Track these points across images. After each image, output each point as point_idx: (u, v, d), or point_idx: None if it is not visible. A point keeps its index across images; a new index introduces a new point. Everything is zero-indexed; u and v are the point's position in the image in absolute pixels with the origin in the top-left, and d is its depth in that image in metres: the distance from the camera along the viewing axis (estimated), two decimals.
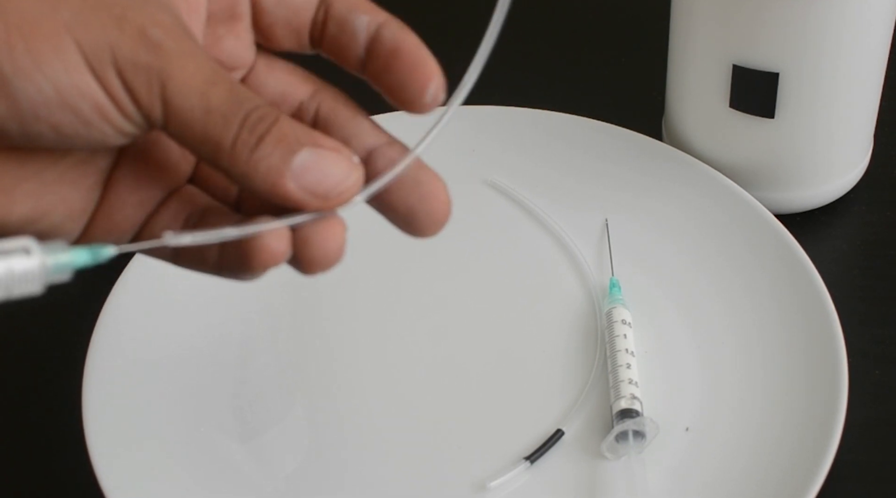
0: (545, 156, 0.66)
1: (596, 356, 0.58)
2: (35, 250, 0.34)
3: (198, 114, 0.36)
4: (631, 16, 0.77)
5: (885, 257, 0.63)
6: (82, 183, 0.39)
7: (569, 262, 0.62)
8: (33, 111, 0.35)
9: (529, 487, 0.54)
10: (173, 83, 0.35)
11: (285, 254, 0.37)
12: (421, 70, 0.40)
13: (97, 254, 0.35)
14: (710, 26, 0.60)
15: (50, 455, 0.57)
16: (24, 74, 0.34)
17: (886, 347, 0.59)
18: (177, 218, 0.39)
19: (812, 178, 0.64)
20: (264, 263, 0.37)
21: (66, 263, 0.34)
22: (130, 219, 0.39)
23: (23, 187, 0.37)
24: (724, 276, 0.61)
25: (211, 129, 0.36)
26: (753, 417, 0.55)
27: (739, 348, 0.58)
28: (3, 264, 0.33)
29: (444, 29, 0.77)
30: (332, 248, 0.37)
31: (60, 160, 0.38)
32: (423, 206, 0.40)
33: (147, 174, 0.39)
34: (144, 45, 0.35)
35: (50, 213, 0.38)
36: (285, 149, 0.36)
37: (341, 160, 0.37)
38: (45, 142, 0.36)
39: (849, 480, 0.54)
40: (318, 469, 0.55)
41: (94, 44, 0.35)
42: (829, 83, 0.60)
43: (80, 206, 0.39)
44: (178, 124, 0.36)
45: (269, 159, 0.36)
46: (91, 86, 0.35)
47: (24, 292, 0.34)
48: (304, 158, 0.36)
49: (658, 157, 0.65)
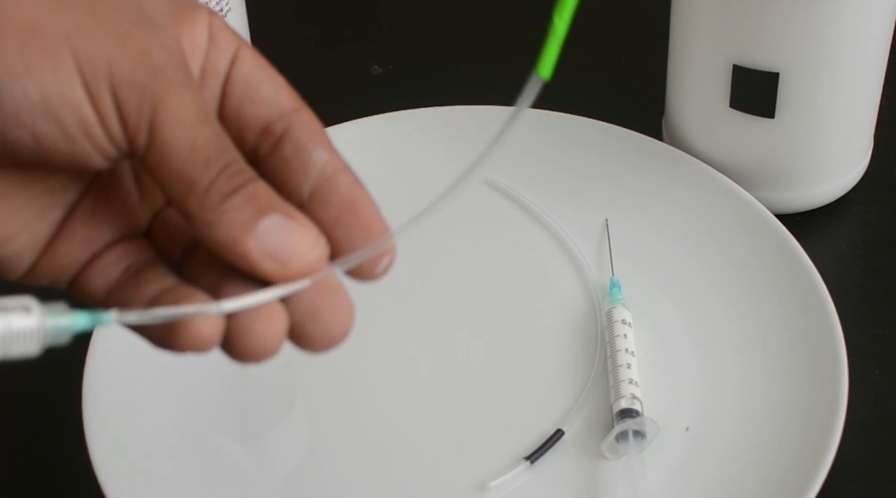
0: (545, 156, 0.66)
1: (596, 356, 0.58)
2: (35, 310, 0.33)
3: (181, 148, 0.35)
4: (631, 16, 0.77)
5: (885, 257, 0.63)
6: (48, 214, 0.38)
7: (569, 262, 0.62)
8: (16, 115, 0.34)
9: (529, 486, 0.54)
10: (165, 110, 0.35)
11: (214, 341, 0.35)
12: (374, 238, 0.37)
13: (97, 319, 0.34)
14: (710, 26, 0.60)
15: (50, 455, 0.57)
16: (11, 75, 0.34)
17: (887, 346, 0.59)
18: (117, 265, 0.38)
19: (812, 177, 0.64)
20: (187, 346, 0.35)
21: (66, 326, 0.34)
22: (74, 255, 0.38)
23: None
24: (725, 276, 0.61)
25: (189, 169, 0.35)
26: (753, 417, 0.55)
27: (739, 348, 0.58)
28: (2, 321, 0.33)
29: (445, 29, 0.77)
30: (269, 338, 0.35)
31: (32, 185, 0.37)
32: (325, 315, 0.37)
33: (103, 213, 0.39)
34: (144, 66, 0.35)
35: (12, 240, 0.37)
36: (256, 208, 0.35)
37: (308, 233, 0.35)
38: (23, 152, 0.35)
39: (849, 480, 0.54)
40: (318, 469, 0.55)
41: (92, 56, 0.34)
42: (829, 83, 0.60)
43: (40, 238, 0.38)
44: (159, 155, 0.35)
45: (237, 213, 0.35)
46: (79, 98, 0.34)
47: (22, 352, 0.33)
48: (272, 222, 0.35)
49: (658, 156, 0.65)
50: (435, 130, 0.67)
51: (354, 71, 0.75)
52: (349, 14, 0.79)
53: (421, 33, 0.77)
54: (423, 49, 0.76)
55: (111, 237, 0.39)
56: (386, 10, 0.79)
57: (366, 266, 0.37)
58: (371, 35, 0.78)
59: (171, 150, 0.35)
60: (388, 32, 0.78)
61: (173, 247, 0.39)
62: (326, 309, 0.36)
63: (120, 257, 0.38)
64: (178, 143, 0.35)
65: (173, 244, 0.39)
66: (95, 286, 0.38)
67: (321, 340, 0.37)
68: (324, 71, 0.75)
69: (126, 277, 0.38)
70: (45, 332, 0.33)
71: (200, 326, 0.35)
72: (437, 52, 0.75)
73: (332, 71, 0.75)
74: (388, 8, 0.80)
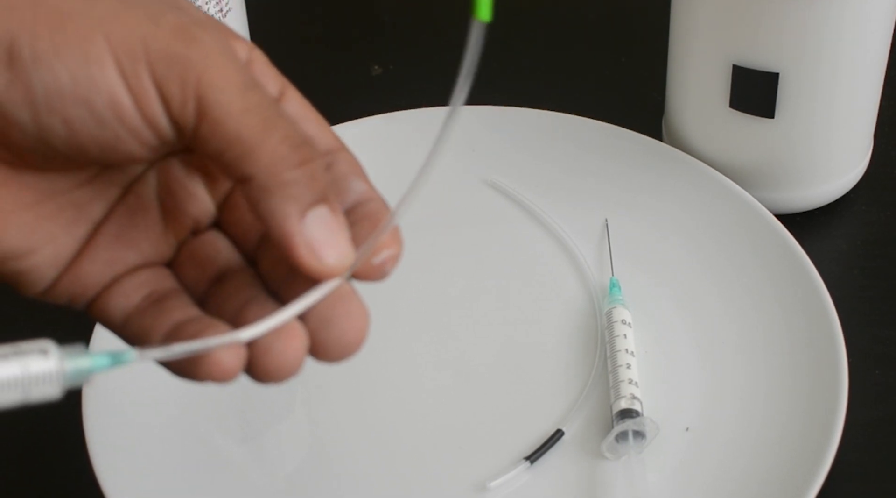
0: (545, 156, 0.66)
1: (596, 356, 0.58)
2: (53, 352, 0.33)
3: (234, 110, 0.34)
4: (631, 16, 0.77)
5: (885, 257, 0.63)
6: (73, 228, 0.37)
7: (569, 262, 0.62)
8: (47, 101, 0.34)
9: (529, 487, 0.54)
10: (210, 76, 0.34)
11: (236, 371, 0.35)
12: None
13: (118, 359, 0.34)
14: (710, 26, 0.60)
15: (50, 455, 0.57)
16: (42, 61, 0.34)
17: (887, 347, 0.59)
18: (139, 290, 0.38)
19: (812, 178, 0.64)
20: (209, 377, 0.35)
21: (86, 368, 0.33)
22: (96, 275, 0.38)
23: (19, 216, 0.36)
24: (725, 276, 0.61)
25: (246, 130, 0.34)
26: (753, 417, 0.55)
27: (739, 348, 0.58)
28: (21, 365, 0.32)
29: (445, 29, 0.77)
30: (290, 357, 0.35)
31: (59, 196, 0.37)
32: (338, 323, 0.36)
33: (129, 236, 0.38)
34: (181, 38, 0.34)
35: (36, 252, 0.37)
36: (316, 191, 0.35)
37: (347, 236, 0.35)
38: (56, 143, 0.35)
39: (849, 480, 0.54)
40: (318, 469, 0.55)
41: (125, 37, 0.34)
42: (829, 83, 0.60)
43: (64, 252, 0.37)
44: (211, 120, 0.34)
45: (298, 189, 0.34)
46: (110, 79, 0.34)
47: (42, 396, 0.33)
48: (322, 212, 0.35)
49: (658, 157, 0.65)
50: (435, 130, 0.67)
51: (355, 71, 0.75)
52: (349, 14, 0.79)
53: (421, 33, 0.77)
54: (423, 49, 0.76)
55: (135, 262, 0.38)
56: (386, 10, 0.79)
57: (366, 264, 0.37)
58: (371, 35, 0.78)
59: (223, 113, 0.34)
60: (388, 32, 0.78)
61: (199, 278, 0.38)
62: (340, 317, 0.36)
63: (142, 283, 0.38)
64: (231, 105, 0.34)
65: (199, 276, 0.38)
66: (115, 310, 0.38)
67: (336, 349, 0.36)
68: (324, 71, 0.75)
69: (147, 303, 0.37)
70: (65, 375, 0.33)
71: (222, 357, 0.34)
72: (437, 52, 0.75)
73: (332, 71, 0.75)
74: (388, 8, 0.80)
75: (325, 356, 0.36)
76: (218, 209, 0.39)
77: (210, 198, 0.39)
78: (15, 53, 0.34)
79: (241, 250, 0.39)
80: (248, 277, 0.38)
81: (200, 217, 0.39)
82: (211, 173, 0.39)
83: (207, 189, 0.39)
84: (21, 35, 0.34)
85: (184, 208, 0.39)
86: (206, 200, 0.39)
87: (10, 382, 0.32)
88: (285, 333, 0.35)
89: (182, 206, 0.39)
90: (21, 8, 0.34)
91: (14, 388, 0.32)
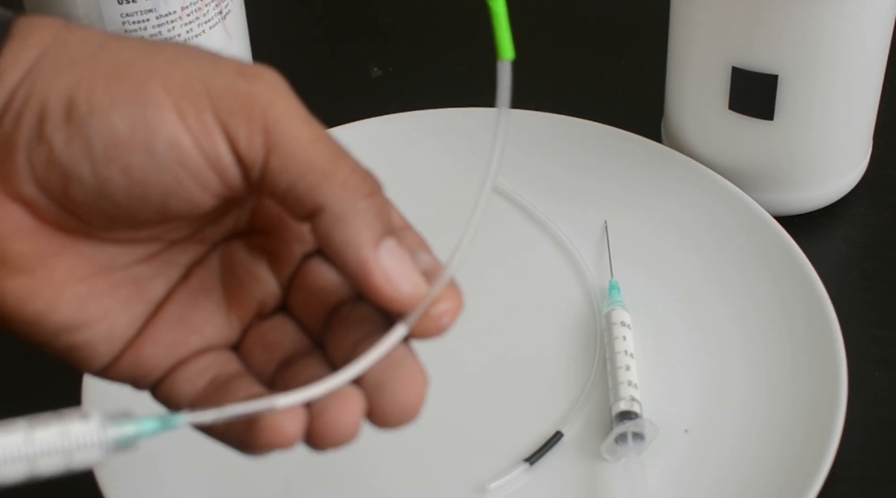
0: (545, 158, 0.66)
1: (595, 358, 0.58)
2: (94, 418, 0.32)
3: (305, 140, 0.34)
4: (630, 17, 0.77)
5: (884, 259, 0.63)
6: (132, 305, 0.37)
7: (568, 263, 0.62)
8: (105, 151, 0.34)
9: (529, 488, 0.54)
10: (276, 109, 0.34)
11: (296, 436, 0.34)
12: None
13: (168, 423, 0.34)
14: (709, 28, 0.60)
15: None
16: (98, 112, 0.33)
17: (886, 348, 0.59)
18: (203, 374, 0.37)
19: (811, 179, 0.64)
20: (269, 444, 0.34)
21: (132, 434, 0.33)
22: (159, 358, 0.37)
23: (73, 288, 0.36)
24: (724, 278, 0.61)
25: (318, 158, 0.34)
26: (753, 419, 0.55)
27: (739, 350, 0.58)
28: (61, 430, 0.32)
29: (445, 30, 0.77)
30: (347, 424, 0.35)
31: (116, 271, 0.37)
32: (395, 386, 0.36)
33: (192, 319, 0.38)
34: (243, 75, 0.34)
35: (89, 327, 0.36)
36: (385, 222, 0.35)
37: (416, 268, 0.36)
38: (116, 194, 0.34)
39: (849, 482, 0.54)
40: (318, 469, 0.55)
41: (185, 80, 0.34)
42: (828, 85, 0.60)
43: (120, 329, 0.37)
44: (283, 152, 0.34)
45: (370, 218, 0.34)
46: (167, 122, 0.33)
47: (86, 461, 0.33)
48: (392, 244, 0.35)
49: (657, 159, 0.65)
50: (435, 132, 0.67)
51: (354, 73, 0.75)
52: (349, 15, 0.79)
53: (421, 35, 0.77)
54: (423, 51, 0.76)
55: (198, 345, 0.38)
56: (386, 12, 0.79)
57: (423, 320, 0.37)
58: (371, 37, 0.78)
59: (295, 143, 0.34)
60: (387, 34, 0.78)
61: (266, 362, 0.38)
62: (395, 380, 0.36)
63: (207, 367, 0.37)
64: (302, 137, 0.34)
65: (267, 359, 0.38)
66: (180, 394, 0.37)
67: (393, 415, 0.36)
68: (324, 73, 0.75)
69: (212, 387, 0.37)
70: (109, 441, 0.33)
71: (281, 422, 0.34)
72: (437, 54, 0.75)
73: (331, 73, 0.75)
74: (388, 9, 0.80)
75: (382, 422, 0.36)
76: (283, 291, 0.39)
77: (275, 279, 0.39)
78: (72, 108, 0.34)
79: (309, 333, 0.38)
80: (316, 359, 0.37)
81: (265, 299, 0.39)
82: (275, 253, 0.38)
83: (272, 270, 0.39)
84: (79, 90, 0.34)
85: (248, 291, 0.38)
86: (271, 282, 0.39)
87: (49, 447, 0.32)
88: (341, 396, 0.35)
89: (246, 288, 0.38)
90: (82, 63, 0.34)
91: (55, 453, 0.32)
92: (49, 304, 0.36)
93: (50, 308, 0.36)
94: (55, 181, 0.34)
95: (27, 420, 0.32)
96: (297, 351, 0.38)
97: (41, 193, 0.35)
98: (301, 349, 0.38)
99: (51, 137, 0.34)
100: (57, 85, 0.34)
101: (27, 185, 0.34)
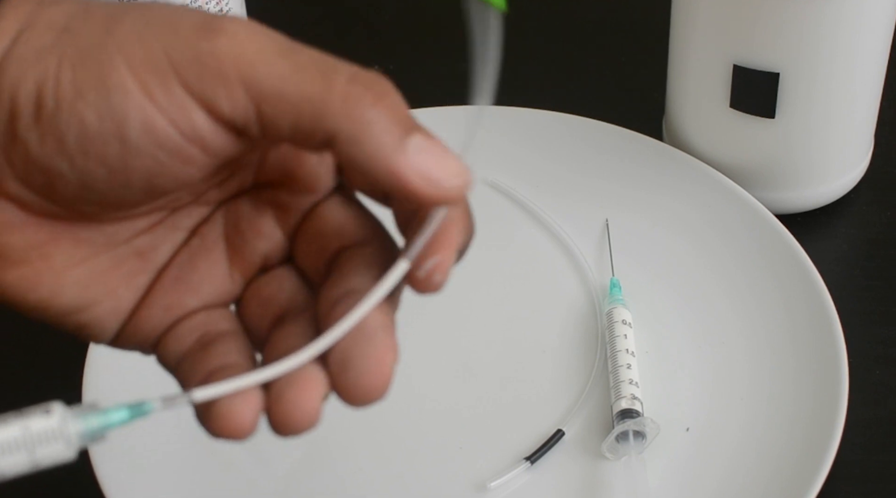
0: (545, 156, 0.66)
1: (596, 356, 0.58)
2: (55, 411, 0.32)
3: (287, 73, 0.32)
4: (631, 16, 0.77)
5: (885, 257, 0.63)
6: (136, 278, 0.36)
7: (569, 262, 0.62)
8: (79, 145, 0.33)
9: (530, 487, 0.54)
10: (246, 56, 0.32)
11: (249, 424, 0.33)
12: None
13: (138, 411, 0.33)
14: (710, 26, 0.60)
15: None
16: (65, 106, 0.32)
17: (887, 347, 0.59)
18: (192, 334, 0.36)
19: (812, 178, 0.64)
20: (222, 432, 0.34)
21: (99, 426, 0.32)
22: (154, 321, 0.37)
23: (74, 272, 0.35)
24: (725, 276, 0.61)
25: (309, 85, 0.32)
26: (754, 418, 0.55)
27: (740, 349, 0.58)
28: (21, 425, 0.31)
29: (445, 29, 0.77)
30: (304, 411, 0.33)
31: (117, 247, 0.36)
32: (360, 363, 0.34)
33: (189, 280, 0.37)
34: (203, 35, 0.33)
35: (95, 306, 0.36)
36: (404, 124, 0.33)
37: (452, 155, 0.33)
38: (99, 183, 0.33)
39: (849, 480, 0.54)
40: (318, 469, 0.55)
41: (147, 56, 0.32)
42: (830, 83, 0.60)
43: (125, 303, 0.36)
44: (271, 96, 0.32)
45: (383, 125, 0.32)
46: (136, 105, 0.32)
47: (53, 457, 0.32)
48: (418, 140, 0.33)
49: (658, 157, 0.65)
50: (435, 131, 0.67)
51: None
52: (349, 14, 0.79)
53: (421, 33, 0.77)
54: (423, 49, 0.75)
55: (194, 305, 0.37)
56: (386, 11, 0.79)
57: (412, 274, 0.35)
58: (371, 35, 0.78)
59: (278, 82, 0.32)
60: (388, 32, 0.78)
61: (261, 318, 0.37)
62: (358, 358, 0.34)
63: (196, 326, 0.37)
64: (283, 70, 0.32)
65: (262, 315, 0.37)
66: (170, 354, 0.37)
67: (355, 394, 0.34)
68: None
69: (197, 347, 0.36)
70: (73, 434, 0.32)
71: (232, 407, 0.33)
72: (437, 52, 0.75)
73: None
74: (388, 8, 0.80)
75: (347, 400, 0.34)
76: (289, 241, 0.38)
77: (280, 231, 0.38)
78: (41, 103, 0.33)
79: (311, 284, 0.37)
80: (305, 321, 0.36)
81: (270, 253, 0.38)
82: (282, 205, 0.37)
83: (278, 223, 0.38)
84: (45, 83, 0.33)
85: (251, 246, 0.37)
86: (276, 234, 0.37)
87: (9, 443, 0.31)
88: (300, 379, 0.33)
89: (249, 243, 0.37)
90: (46, 55, 0.33)
91: (16, 449, 0.31)
92: (51, 290, 0.35)
93: (53, 294, 0.35)
94: (37, 178, 0.34)
95: None
96: (293, 306, 0.37)
97: (26, 189, 0.34)
98: (297, 304, 0.37)
99: (24, 137, 0.33)
100: (25, 80, 0.33)
101: (10, 183, 0.34)
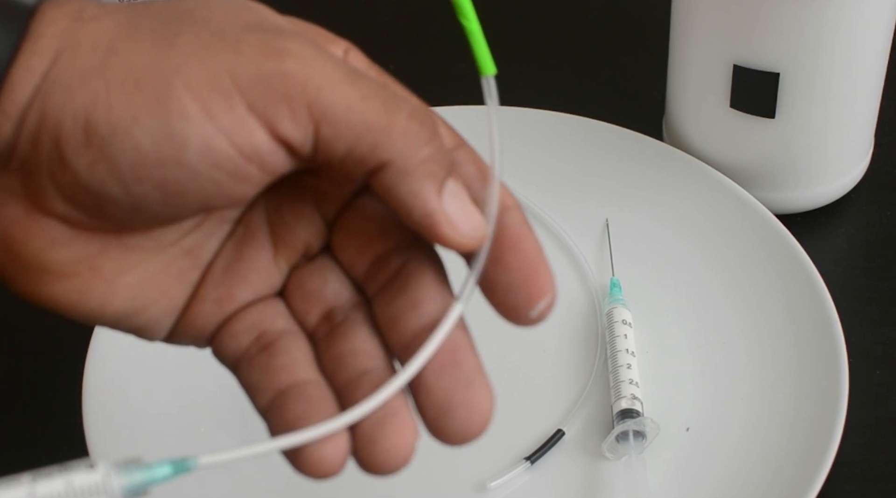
0: (545, 156, 0.66)
1: (596, 356, 0.58)
2: (99, 467, 0.32)
3: (353, 101, 0.32)
4: (631, 16, 0.77)
5: (886, 257, 0.63)
6: (187, 276, 0.36)
7: (569, 262, 0.62)
8: (134, 171, 0.32)
9: (530, 487, 0.54)
10: (314, 79, 0.32)
11: (338, 464, 0.34)
12: (535, 281, 0.36)
13: (181, 467, 0.33)
14: (710, 26, 0.60)
15: (50, 454, 0.57)
16: (121, 132, 0.32)
17: (887, 347, 0.59)
18: (248, 333, 0.36)
19: (813, 178, 0.64)
20: (312, 473, 0.34)
21: (142, 482, 0.32)
22: (207, 316, 0.36)
23: (125, 279, 0.35)
24: (725, 276, 0.61)
25: (371, 115, 0.33)
26: (754, 418, 0.55)
27: (740, 349, 0.58)
28: (64, 480, 0.31)
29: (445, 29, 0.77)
30: (400, 447, 0.35)
31: (167, 248, 0.35)
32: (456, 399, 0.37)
33: (238, 270, 0.37)
34: (269, 55, 0.32)
35: (149, 308, 0.36)
36: (446, 166, 0.34)
37: (473, 206, 0.35)
38: (153, 206, 0.33)
39: (849, 480, 0.54)
40: None
41: (207, 76, 0.32)
42: (830, 83, 0.60)
43: (178, 301, 0.36)
44: (334, 120, 0.32)
45: (432, 165, 0.33)
46: (197, 129, 0.32)
47: None
48: (454, 186, 0.34)
49: (658, 157, 0.65)
50: None
51: None
52: (349, 14, 0.79)
53: (421, 33, 0.77)
54: (423, 49, 0.75)
55: (246, 298, 0.37)
56: (386, 11, 0.79)
57: (518, 306, 0.37)
58: (371, 35, 0.78)
59: (343, 107, 0.32)
60: (387, 32, 0.77)
61: (308, 311, 0.37)
62: (460, 404, 0.36)
63: (253, 324, 0.36)
64: (348, 98, 0.32)
65: (308, 308, 0.37)
66: (227, 351, 0.37)
67: (456, 436, 0.36)
68: None
69: (256, 349, 0.36)
70: (116, 490, 0.32)
71: (323, 452, 0.34)
72: (437, 52, 0.75)
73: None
74: (388, 8, 0.80)
75: (446, 441, 0.37)
76: (329, 229, 0.38)
77: (321, 218, 0.37)
78: (92, 131, 0.32)
79: (349, 274, 0.37)
80: (359, 324, 0.36)
81: (311, 240, 0.37)
82: (323, 192, 0.37)
83: (318, 209, 0.37)
84: (97, 109, 0.32)
85: (294, 231, 0.37)
86: (317, 221, 0.37)
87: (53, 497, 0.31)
88: (393, 422, 0.35)
89: (292, 229, 0.37)
90: (92, 78, 0.32)
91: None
92: (103, 299, 0.35)
93: (105, 303, 0.35)
94: (87, 200, 0.33)
95: (31, 474, 0.31)
96: (338, 303, 0.37)
97: (74, 210, 0.33)
98: (342, 301, 0.37)
99: (73, 163, 0.32)
100: (71, 104, 0.32)
101: (58, 204, 0.33)
